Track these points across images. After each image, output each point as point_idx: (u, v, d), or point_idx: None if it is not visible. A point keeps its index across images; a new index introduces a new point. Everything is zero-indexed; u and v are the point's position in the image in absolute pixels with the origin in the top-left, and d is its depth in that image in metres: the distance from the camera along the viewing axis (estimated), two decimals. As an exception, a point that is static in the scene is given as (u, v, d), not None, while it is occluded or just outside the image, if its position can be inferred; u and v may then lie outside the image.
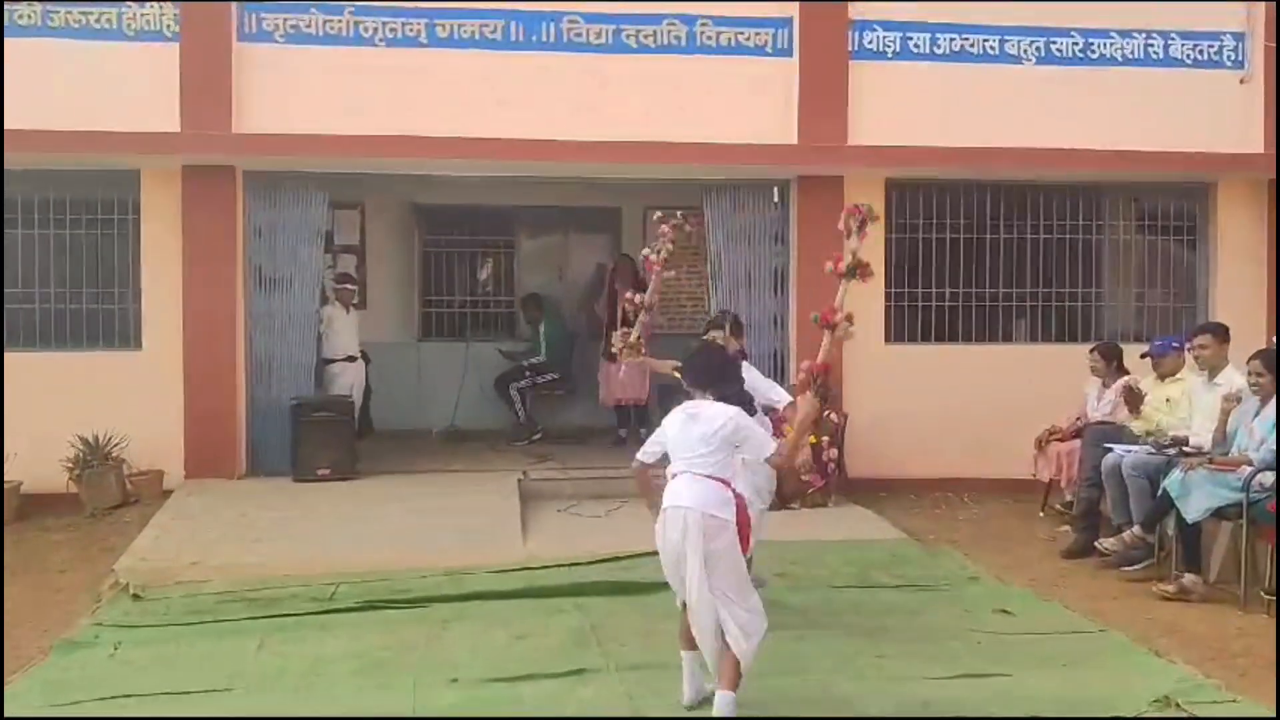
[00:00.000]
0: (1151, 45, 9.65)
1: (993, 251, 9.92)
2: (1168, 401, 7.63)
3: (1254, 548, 6.40)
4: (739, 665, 4.54)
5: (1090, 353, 8.45)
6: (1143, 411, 7.62)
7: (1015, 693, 4.94)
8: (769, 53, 9.32)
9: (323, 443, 8.97)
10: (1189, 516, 6.35)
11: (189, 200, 8.97)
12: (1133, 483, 6.98)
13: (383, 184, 10.68)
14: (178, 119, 8.76)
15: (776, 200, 9.68)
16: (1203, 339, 7.28)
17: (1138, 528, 6.83)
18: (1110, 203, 10.23)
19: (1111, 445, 7.42)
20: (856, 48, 9.38)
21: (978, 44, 9.50)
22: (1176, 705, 4.76)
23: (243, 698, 4.90)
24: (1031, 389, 9.00)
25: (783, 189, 9.64)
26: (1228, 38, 9.70)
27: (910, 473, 9.45)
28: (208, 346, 8.98)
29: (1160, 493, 6.59)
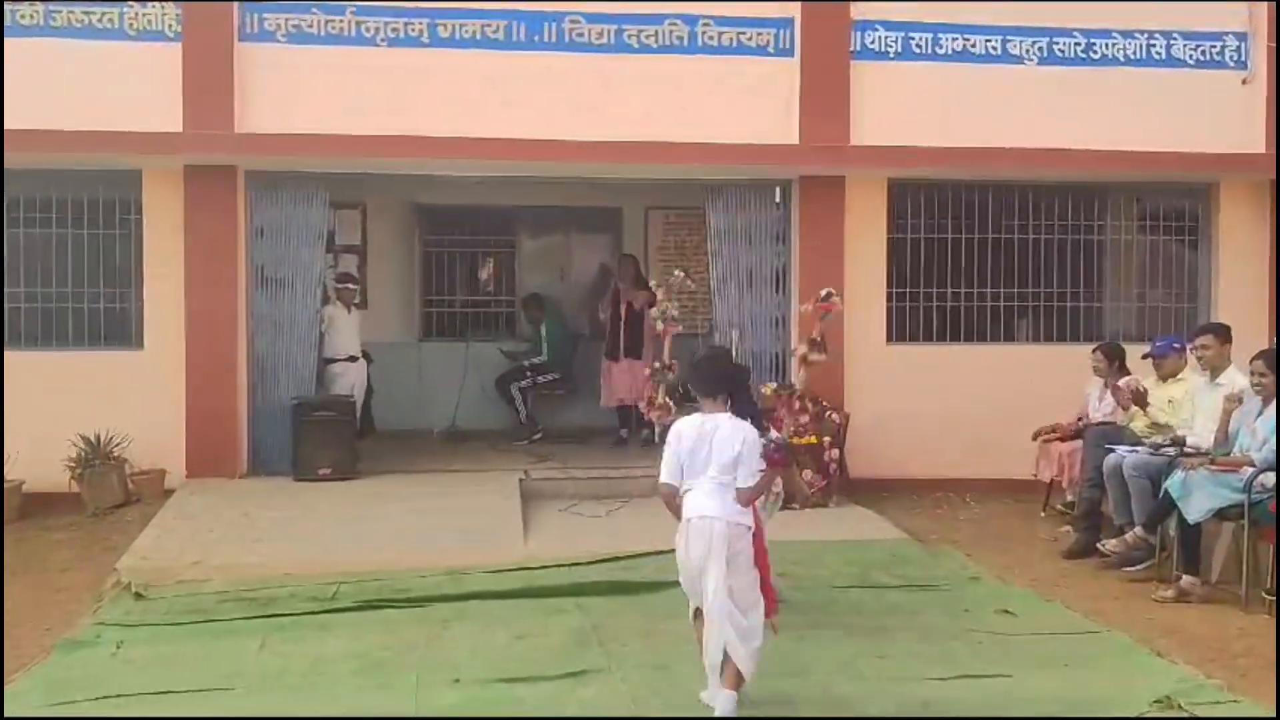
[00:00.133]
0: (1154, 45, 9.64)
1: (994, 252, 9.92)
2: (1170, 402, 7.61)
3: (1255, 548, 6.40)
4: (739, 670, 4.56)
5: (1093, 353, 8.43)
6: (1147, 411, 7.62)
7: (1016, 693, 4.94)
8: (771, 53, 9.32)
9: (324, 442, 8.98)
10: (1190, 517, 6.34)
11: (191, 200, 8.98)
12: (1134, 483, 6.97)
13: (384, 184, 10.68)
14: (180, 119, 8.76)
15: (778, 200, 9.68)
16: (1205, 339, 7.27)
17: (1140, 528, 6.83)
18: (1112, 203, 10.22)
19: (1113, 446, 7.42)
20: (858, 48, 9.37)
21: (980, 44, 9.50)
22: (1178, 706, 4.75)
23: (244, 697, 4.90)
24: (1033, 389, 8.99)
25: (784, 189, 9.64)
26: (1230, 38, 9.69)
27: (911, 473, 9.45)
28: (209, 346, 8.99)
29: (1162, 493, 6.58)
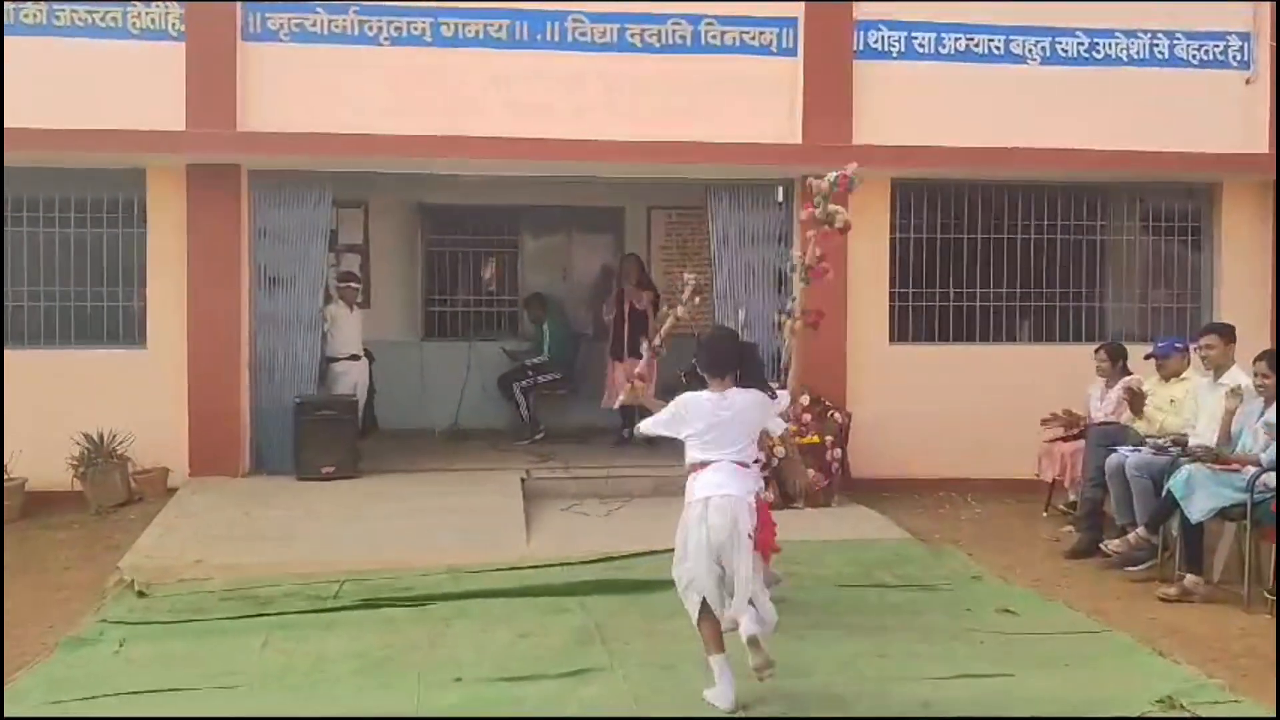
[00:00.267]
0: (1157, 45, 9.63)
1: (997, 251, 9.91)
2: (1172, 402, 7.60)
3: (1257, 548, 6.40)
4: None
5: (1096, 352, 8.43)
6: (1146, 412, 7.61)
7: (1017, 693, 4.94)
8: (774, 52, 9.32)
9: (326, 441, 8.98)
10: (1193, 517, 6.34)
11: (194, 199, 9.00)
12: (1136, 483, 6.97)
13: (387, 183, 10.68)
14: (183, 118, 8.76)
15: (780, 200, 9.68)
16: (1209, 339, 7.26)
17: (1142, 528, 6.82)
18: (1115, 203, 10.22)
19: (1115, 446, 7.41)
20: (861, 47, 9.37)
21: (982, 44, 9.49)
22: (1179, 706, 4.76)
23: (246, 696, 4.91)
24: (1035, 389, 8.97)
25: (787, 189, 9.63)
26: (1233, 38, 9.69)
27: (914, 472, 9.44)
28: (212, 345, 9.00)
29: (1164, 493, 6.57)
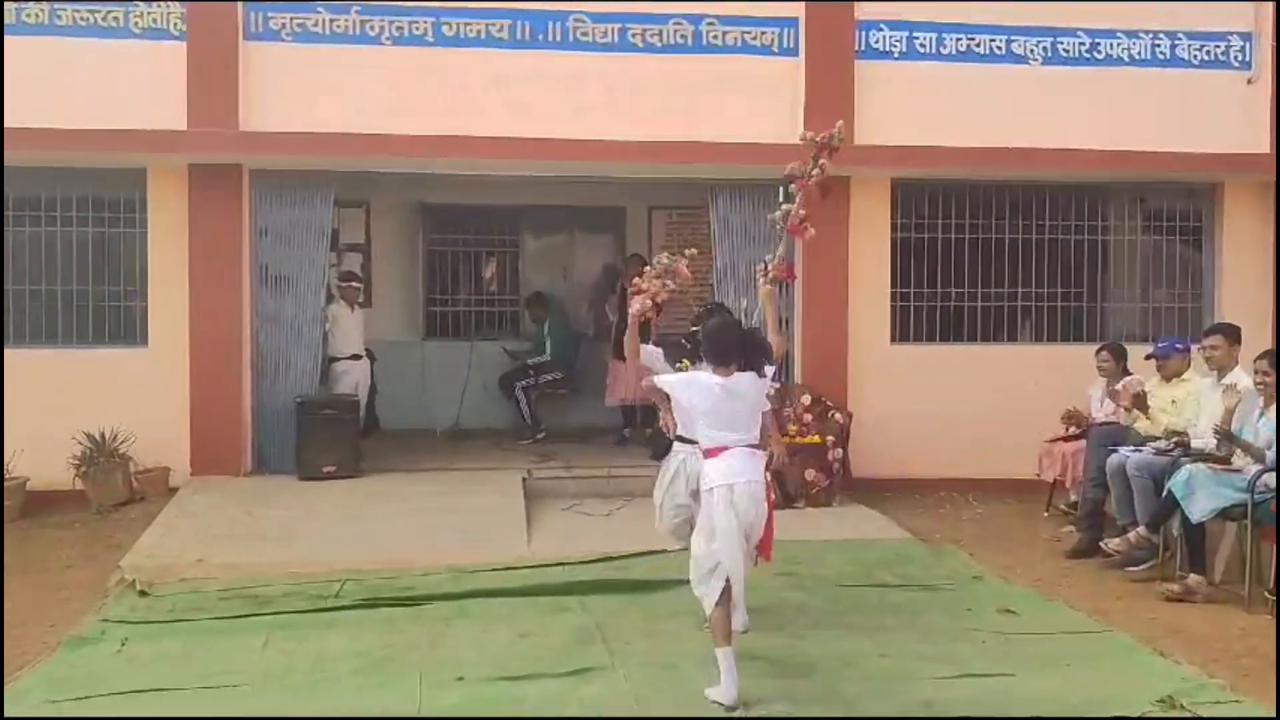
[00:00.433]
0: (1158, 45, 9.63)
1: (998, 251, 9.91)
2: (1173, 403, 7.60)
3: (1258, 548, 6.41)
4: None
5: (1098, 353, 8.43)
6: (1147, 414, 7.60)
7: (1018, 693, 4.95)
8: (775, 52, 9.32)
9: (327, 441, 8.98)
10: (1194, 517, 6.34)
11: (195, 198, 9.00)
12: (1137, 483, 6.97)
13: (388, 183, 10.68)
14: (184, 117, 8.77)
15: (781, 200, 9.65)
16: (1214, 339, 7.24)
17: (1143, 528, 6.82)
18: (1116, 203, 10.22)
19: (1116, 446, 7.41)
20: (862, 47, 9.36)
21: (984, 44, 9.49)
22: (1180, 706, 4.77)
23: (248, 695, 4.92)
24: (1037, 390, 8.98)
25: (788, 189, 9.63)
26: (1235, 38, 9.68)
27: (915, 472, 9.45)
28: (214, 344, 9.01)
29: (1165, 493, 6.57)
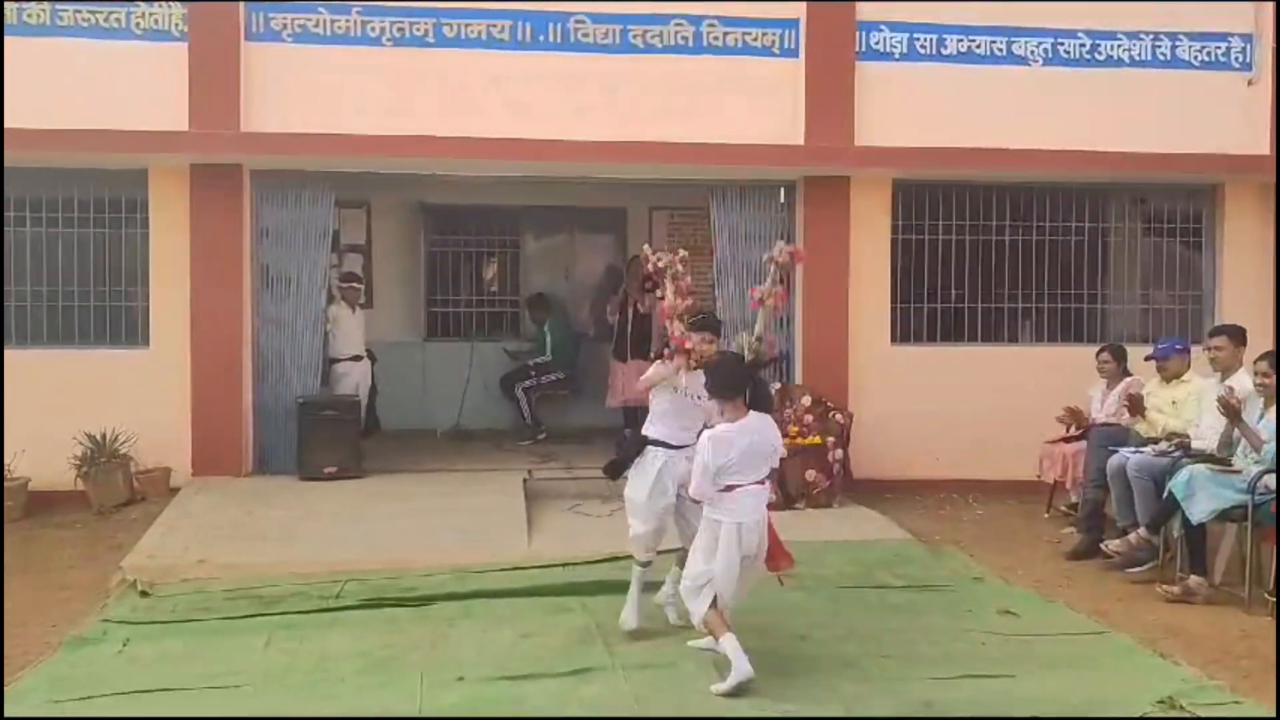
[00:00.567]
0: (1159, 47, 9.63)
1: (999, 253, 9.92)
2: (1173, 404, 7.60)
3: (1258, 549, 6.41)
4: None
5: (1099, 354, 8.44)
6: (1147, 414, 7.61)
7: (1018, 693, 4.95)
8: (776, 53, 9.31)
9: (329, 442, 8.99)
10: (1194, 518, 6.34)
11: (197, 199, 9.01)
12: (1137, 484, 6.96)
13: (389, 183, 10.69)
14: (186, 118, 8.77)
15: (783, 201, 9.69)
16: (1218, 340, 7.22)
17: (1143, 529, 6.82)
18: (1116, 204, 10.22)
19: (1117, 447, 7.42)
20: (863, 48, 9.35)
21: (985, 45, 9.49)
22: (1180, 707, 4.77)
23: (249, 695, 4.93)
24: (1037, 390, 8.97)
25: (789, 190, 9.65)
26: (1235, 40, 9.68)
27: (915, 473, 9.45)
28: (215, 344, 9.01)
29: (1165, 495, 6.58)
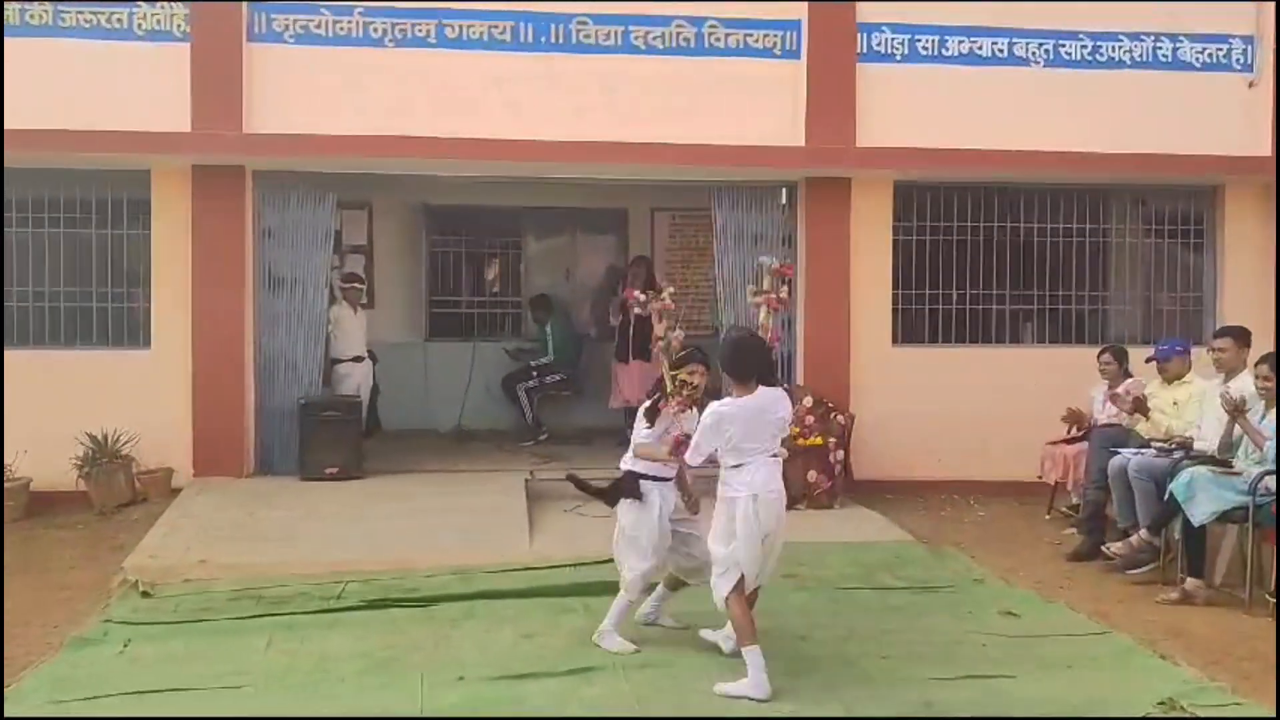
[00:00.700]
0: (1160, 48, 9.63)
1: (1000, 253, 9.92)
2: (1174, 405, 7.60)
3: (1259, 551, 6.41)
4: None
5: (1100, 355, 8.44)
6: (1150, 415, 7.61)
7: (1019, 694, 4.96)
8: (777, 55, 9.32)
9: (330, 442, 9.00)
10: (1195, 520, 6.34)
11: (198, 200, 9.02)
12: (1138, 486, 6.96)
13: (391, 184, 10.70)
14: (188, 119, 8.79)
15: (784, 202, 9.69)
16: (1223, 341, 7.21)
17: (1144, 531, 6.82)
18: (1117, 205, 10.23)
19: (1118, 448, 7.42)
20: (864, 50, 9.36)
21: (986, 46, 9.49)
22: (1181, 708, 4.77)
23: (250, 695, 4.93)
24: (1038, 391, 8.97)
25: (790, 191, 9.65)
26: (1236, 41, 9.68)
27: (916, 474, 9.46)
28: (216, 345, 9.02)
29: (1166, 496, 6.58)
